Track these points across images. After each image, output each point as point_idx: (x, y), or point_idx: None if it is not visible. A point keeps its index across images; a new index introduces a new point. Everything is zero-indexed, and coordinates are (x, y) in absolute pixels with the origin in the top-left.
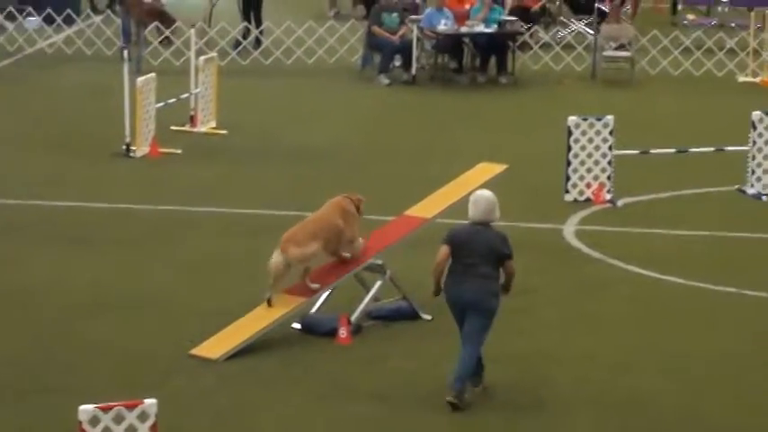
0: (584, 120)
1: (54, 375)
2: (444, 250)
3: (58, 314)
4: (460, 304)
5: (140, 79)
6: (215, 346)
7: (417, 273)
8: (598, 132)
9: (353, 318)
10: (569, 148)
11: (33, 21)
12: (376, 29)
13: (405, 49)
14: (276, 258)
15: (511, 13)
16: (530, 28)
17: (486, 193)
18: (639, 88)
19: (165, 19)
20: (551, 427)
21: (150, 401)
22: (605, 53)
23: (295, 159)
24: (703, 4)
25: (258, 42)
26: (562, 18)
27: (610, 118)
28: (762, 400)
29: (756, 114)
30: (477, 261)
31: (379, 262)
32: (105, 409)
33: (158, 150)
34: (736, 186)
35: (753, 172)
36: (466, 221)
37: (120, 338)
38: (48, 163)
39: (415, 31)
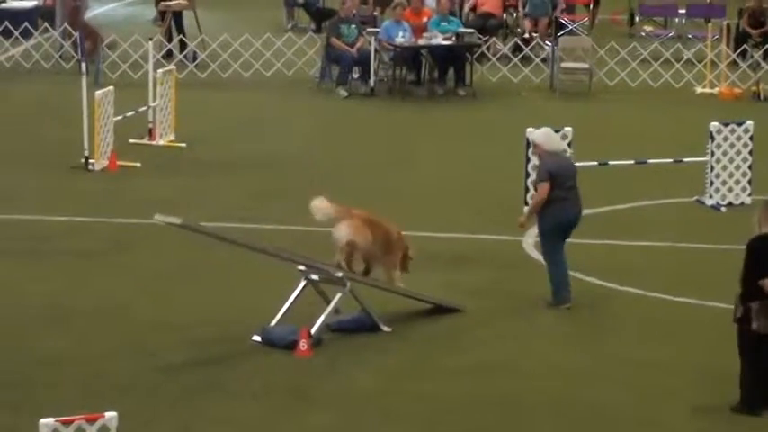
0: None
1: (12, 390)
2: (546, 186)
3: (14, 328)
4: (570, 224)
5: (98, 92)
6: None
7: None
8: None
9: (314, 330)
10: (528, 160)
11: None
12: (334, 41)
13: (363, 62)
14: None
15: (468, 26)
16: (487, 40)
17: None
18: (598, 100)
19: (92, 35)
20: None
21: (111, 414)
22: (563, 65)
23: (254, 172)
24: (661, 16)
25: (170, 54)
26: (519, 30)
27: (568, 129)
28: (719, 411)
29: (714, 125)
30: (573, 183)
31: (340, 274)
32: (66, 423)
33: (117, 163)
34: (695, 197)
35: (711, 183)
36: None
37: (78, 351)
38: (6, 176)
39: (373, 44)
